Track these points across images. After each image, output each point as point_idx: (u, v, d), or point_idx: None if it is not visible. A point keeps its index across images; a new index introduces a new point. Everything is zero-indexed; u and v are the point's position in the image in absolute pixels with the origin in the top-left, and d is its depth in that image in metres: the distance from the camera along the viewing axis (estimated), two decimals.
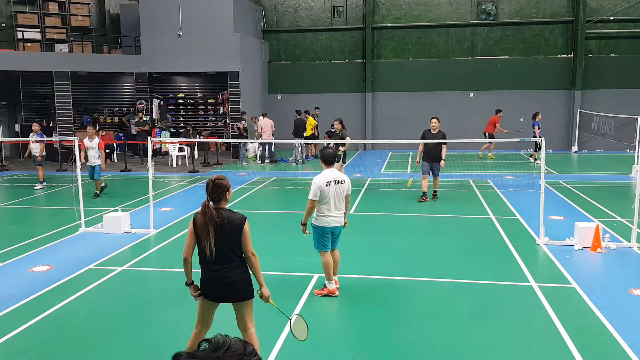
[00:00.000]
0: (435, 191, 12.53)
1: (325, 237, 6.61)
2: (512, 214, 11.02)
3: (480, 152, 20.41)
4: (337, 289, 6.78)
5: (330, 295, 6.67)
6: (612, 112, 21.03)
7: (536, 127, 18.08)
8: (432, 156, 12.15)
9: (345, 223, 6.89)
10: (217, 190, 4.60)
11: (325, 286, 6.77)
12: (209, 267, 4.55)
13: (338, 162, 6.43)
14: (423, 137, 12.17)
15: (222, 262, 4.54)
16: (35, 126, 14.56)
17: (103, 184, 13.69)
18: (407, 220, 10.94)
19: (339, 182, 6.63)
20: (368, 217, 11.10)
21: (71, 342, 5.63)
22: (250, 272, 4.70)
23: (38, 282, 7.34)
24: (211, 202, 4.61)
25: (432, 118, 12.34)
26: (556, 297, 6.58)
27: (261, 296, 4.76)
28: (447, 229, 10.13)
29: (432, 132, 12.13)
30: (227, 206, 4.81)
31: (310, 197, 6.53)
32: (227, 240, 4.53)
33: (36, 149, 14.62)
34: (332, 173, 6.62)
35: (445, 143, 11.91)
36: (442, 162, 12.15)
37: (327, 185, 6.52)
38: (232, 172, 17.43)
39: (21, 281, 7.41)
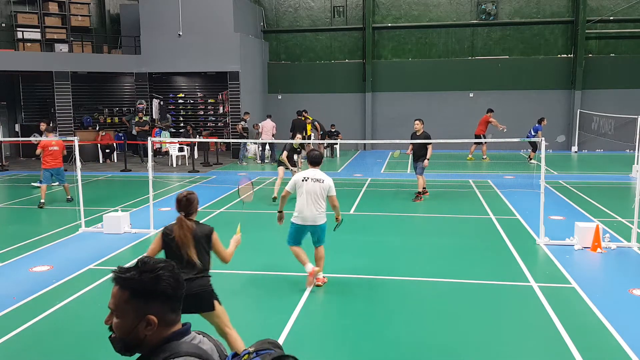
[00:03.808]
0: (418, 192, 12.53)
1: (298, 234, 6.91)
2: (512, 214, 11.02)
3: (470, 155, 20.19)
4: (321, 280, 7.02)
5: (312, 280, 6.96)
6: (612, 112, 21.03)
7: (539, 132, 18.06)
8: (415, 155, 12.51)
9: (338, 220, 7.11)
10: (191, 204, 4.84)
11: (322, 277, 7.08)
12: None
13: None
14: (412, 139, 12.58)
15: (190, 273, 4.64)
16: (43, 125, 14.54)
17: None
18: (407, 220, 10.94)
19: (317, 180, 6.82)
20: (368, 217, 11.10)
21: (71, 342, 5.63)
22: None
23: (38, 282, 7.33)
24: (185, 216, 4.83)
25: (415, 120, 12.45)
26: (556, 297, 6.58)
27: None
28: (447, 229, 10.13)
29: (417, 134, 12.27)
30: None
31: (286, 187, 6.97)
32: (198, 250, 4.71)
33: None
34: (313, 172, 6.90)
35: (429, 143, 12.11)
36: (425, 161, 12.25)
37: (303, 180, 6.81)
38: (232, 172, 17.43)
39: (21, 281, 7.41)
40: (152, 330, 1.80)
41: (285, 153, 12.42)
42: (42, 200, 12.22)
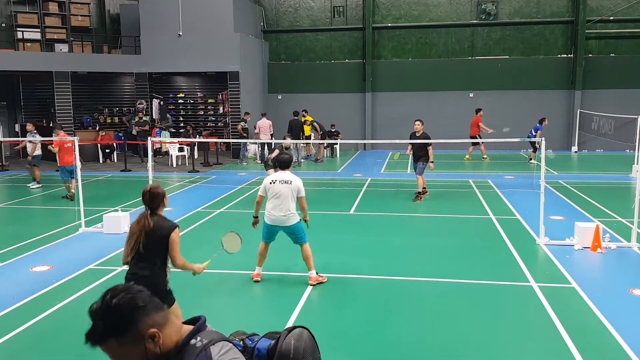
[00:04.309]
0: (418, 192, 12.53)
1: (269, 233, 7.07)
2: (512, 214, 11.02)
3: (468, 155, 20.16)
4: (314, 278, 7.04)
5: (254, 279, 7.20)
6: (612, 112, 21.03)
7: (539, 132, 18.04)
8: (415, 155, 12.52)
9: (306, 221, 7.20)
10: (154, 200, 4.73)
11: (317, 274, 7.14)
12: (132, 270, 4.70)
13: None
14: (410, 139, 12.62)
15: (144, 267, 4.64)
16: (29, 126, 14.56)
17: None
18: (407, 220, 10.94)
19: (285, 182, 6.93)
20: (368, 217, 11.11)
21: (71, 342, 5.63)
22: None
23: (38, 282, 7.34)
24: (149, 211, 4.73)
25: (416, 120, 12.49)
26: (556, 297, 6.58)
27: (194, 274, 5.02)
28: (447, 229, 10.13)
29: (417, 134, 12.29)
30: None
31: (259, 192, 7.12)
32: (154, 246, 4.63)
33: (29, 148, 14.62)
34: (281, 174, 7.00)
35: (429, 144, 12.15)
36: (430, 164, 12.29)
37: (271, 183, 6.94)
38: (232, 172, 17.43)
39: (21, 281, 7.41)
40: (160, 339, 1.74)
41: (276, 152, 12.36)
42: (73, 191, 12.64)
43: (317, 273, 7.12)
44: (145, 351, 1.73)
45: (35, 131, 14.56)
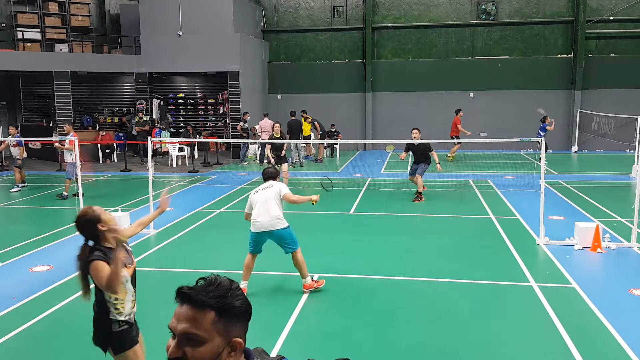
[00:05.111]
0: (419, 192, 12.54)
1: (255, 242, 6.81)
2: (512, 214, 11.02)
3: (449, 155, 20.05)
4: (309, 285, 6.82)
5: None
6: (612, 112, 21.04)
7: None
8: (417, 159, 12.56)
9: (313, 202, 6.97)
10: (84, 231, 3.88)
11: (312, 280, 6.94)
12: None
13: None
14: (407, 148, 12.64)
15: (94, 307, 3.99)
16: (12, 129, 14.54)
17: None
18: (407, 220, 10.94)
19: (267, 187, 6.89)
20: (368, 217, 11.11)
21: (71, 342, 5.63)
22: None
23: (38, 282, 7.34)
24: (87, 244, 3.92)
25: (413, 129, 12.53)
26: (556, 297, 6.58)
27: None
28: (447, 229, 10.13)
29: (415, 143, 12.36)
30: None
31: (245, 210, 6.93)
32: (84, 284, 3.94)
33: (15, 152, 14.60)
34: (264, 184, 6.97)
35: (431, 150, 12.31)
36: (437, 165, 12.39)
37: (254, 193, 6.87)
38: (232, 172, 17.43)
39: (21, 281, 7.41)
40: (234, 357, 1.59)
41: (268, 147, 13.34)
42: (66, 193, 12.72)
43: (312, 279, 6.90)
44: (219, 355, 1.56)
45: (18, 134, 14.56)
